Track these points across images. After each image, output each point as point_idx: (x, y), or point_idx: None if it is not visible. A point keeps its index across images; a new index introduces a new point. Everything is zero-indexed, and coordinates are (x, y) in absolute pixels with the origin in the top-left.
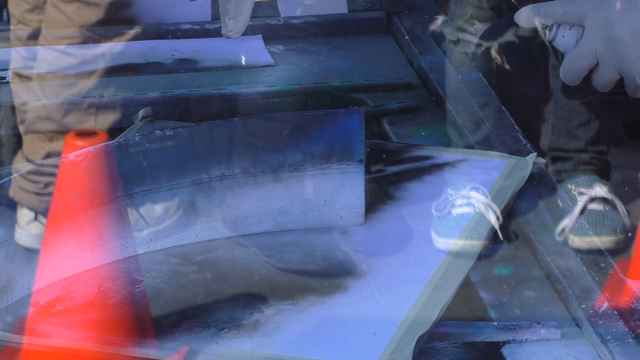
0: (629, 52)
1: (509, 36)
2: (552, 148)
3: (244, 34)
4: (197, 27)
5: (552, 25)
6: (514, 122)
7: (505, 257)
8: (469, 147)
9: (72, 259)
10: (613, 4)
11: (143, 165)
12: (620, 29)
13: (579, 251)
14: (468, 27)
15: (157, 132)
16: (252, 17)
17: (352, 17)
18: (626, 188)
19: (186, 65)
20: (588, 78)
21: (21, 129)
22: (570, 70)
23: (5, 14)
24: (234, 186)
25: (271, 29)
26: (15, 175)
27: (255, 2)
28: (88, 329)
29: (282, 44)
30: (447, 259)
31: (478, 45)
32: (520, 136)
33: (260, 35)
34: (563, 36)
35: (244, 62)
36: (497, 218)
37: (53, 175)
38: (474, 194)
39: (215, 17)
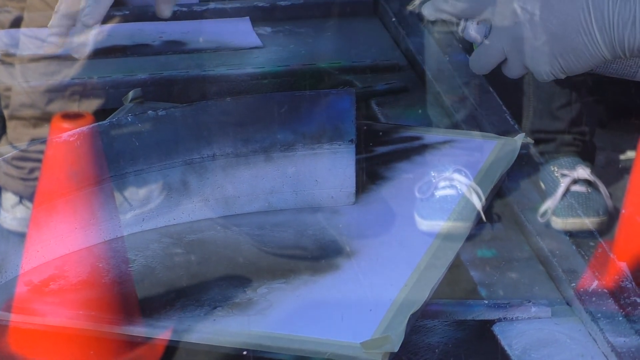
0: (536, 52)
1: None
2: (534, 130)
3: (232, 16)
4: (185, 9)
5: (461, 19)
6: (501, 103)
7: (495, 237)
8: (457, 127)
9: (65, 238)
10: (518, 3)
11: (135, 146)
12: (526, 30)
13: (563, 232)
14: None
15: (149, 112)
16: None
17: None
18: (609, 170)
19: (174, 47)
20: None
21: (5, 113)
22: (479, 64)
23: None
24: (225, 166)
25: (259, 11)
26: None
27: None
28: (82, 308)
29: (270, 26)
30: (436, 241)
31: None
32: (508, 117)
33: (248, 18)
34: (471, 30)
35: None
36: (481, 199)
37: (38, 160)
38: (456, 176)
39: None
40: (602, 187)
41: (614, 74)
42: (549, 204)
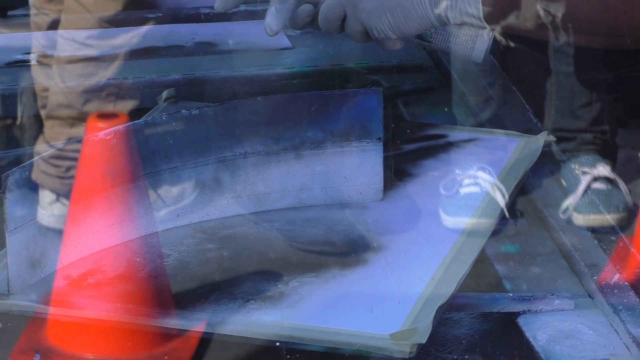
0: (367, 4)
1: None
2: (555, 129)
3: (262, 18)
4: (216, 11)
5: None
6: (524, 102)
7: (518, 233)
8: (480, 125)
9: (102, 234)
10: None
11: (169, 144)
12: None
13: (585, 228)
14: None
15: (183, 111)
16: (268, 1)
17: None
18: (629, 167)
19: (206, 48)
20: (590, 61)
21: (42, 113)
22: (323, 19)
23: None
24: (257, 164)
25: None
26: (37, 158)
27: None
28: (119, 301)
29: None
30: (461, 236)
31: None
32: (530, 115)
33: None
34: None
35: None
36: (504, 196)
37: (75, 159)
38: (481, 173)
39: None
40: (622, 184)
41: (452, 50)
42: (570, 201)
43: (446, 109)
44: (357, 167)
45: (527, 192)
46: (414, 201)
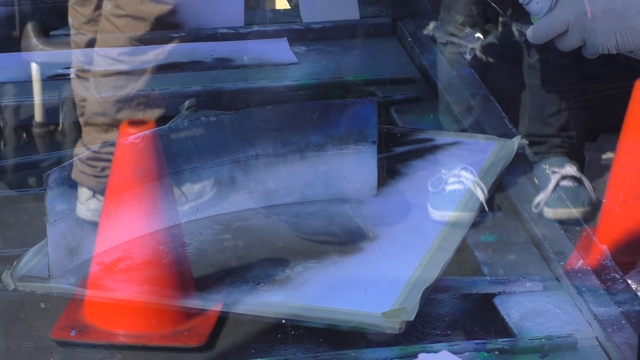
0: (597, 26)
1: (491, 39)
2: (528, 134)
3: (272, 36)
4: (232, 31)
5: None
6: (501, 110)
7: (495, 224)
8: (463, 131)
9: (131, 225)
10: None
11: (190, 147)
12: (592, 4)
13: (554, 220)
14: (459, 32)
15: (202, 118)
16: (279, 22)
17: (363, 23)
18: (592, 167)
19: (223, 63)
20: (559, 76)
21: (81, 120)
22: (540, 34)
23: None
24: (267, 164)
25: (295, 33)
26: (75, 159)
27: (280, 9)
28: (145, 284)
29: (304, 46)
30: (445, 227)
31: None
32: (506, 121)
33: (286, 38)
34: (537, 2)
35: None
36: (484, 192)
37: (108, 160)
38: (464, 173)
39: (248, 22)
40: (586, 182)
41: None
42: (541, 197)
43: (433, 116)
44: (354, 167)
45: (503, 189)
46: (405, 197)
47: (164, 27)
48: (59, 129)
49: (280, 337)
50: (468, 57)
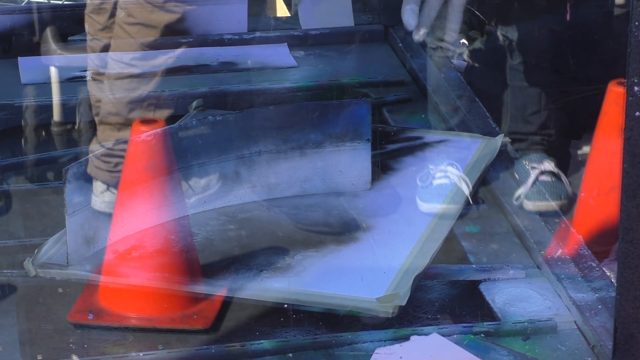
0: None
1: (477, 45)
2: (510, 132)
3: (273, 42)
4: (236, 37)
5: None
6: (485, 110)
7: (480, 216)
8: (450, 129)
9: (143, 216)
10: None
11: (198, 144)
12: None
13: (534, 212)
14: (447, 38)
15: (209, 117)
16: (280, 29)
17: (357, 29)
18: (569, 163)
19: (228, 66)
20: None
21: (96, 120)
22: None
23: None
24: (269, 160)
25: (294, 39)
26: (91, 155)
27: (281, 17)
28: (157, 271)
29: (303, 50)
30: (434, 219)
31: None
32: (490, 121)
33: (286, 44)
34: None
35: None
36: (469, 187)
37: (122, 156)
38: (450, 168)
39: (251, 29)
40: (563, 177)
41: None
42: (522, 190)
43: (422, 116)
44: (350, 162)
45: (487, 183)
46: (396, 190)
47: (173, 34)
48: (76, 128)
49: (281, 320)
50: (455, 61)
